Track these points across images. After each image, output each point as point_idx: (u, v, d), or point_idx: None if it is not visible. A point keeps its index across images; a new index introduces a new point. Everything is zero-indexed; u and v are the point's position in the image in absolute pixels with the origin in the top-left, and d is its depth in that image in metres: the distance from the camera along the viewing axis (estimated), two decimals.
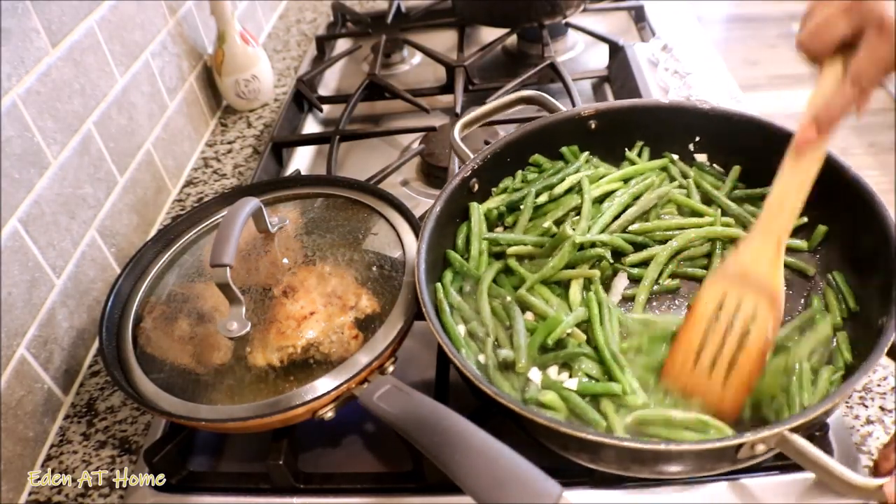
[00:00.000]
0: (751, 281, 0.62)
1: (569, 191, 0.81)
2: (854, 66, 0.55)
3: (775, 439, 0.53)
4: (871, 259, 0.67)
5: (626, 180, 0.83)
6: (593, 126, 0.86)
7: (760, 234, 0.63)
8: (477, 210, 0.78)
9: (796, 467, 0.63)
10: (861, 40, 0.54)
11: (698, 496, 0.63)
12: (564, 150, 0.86)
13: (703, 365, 0.62)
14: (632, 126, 0.86)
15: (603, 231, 0.76)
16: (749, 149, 0.81)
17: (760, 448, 0.53)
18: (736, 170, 0.83)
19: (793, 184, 0.61)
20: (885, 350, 0.57)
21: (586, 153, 0.86)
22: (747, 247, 0.64)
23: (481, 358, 0.67)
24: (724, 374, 0.61)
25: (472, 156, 0.81)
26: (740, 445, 0.53)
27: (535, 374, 0.66)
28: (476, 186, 0.80)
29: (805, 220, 0.75)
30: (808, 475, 0.63)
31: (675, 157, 0.85)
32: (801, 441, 0.52)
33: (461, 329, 0.70)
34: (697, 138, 0.85)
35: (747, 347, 0.61)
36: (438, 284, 0.72)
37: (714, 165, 0.86)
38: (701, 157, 0.86)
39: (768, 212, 0.63)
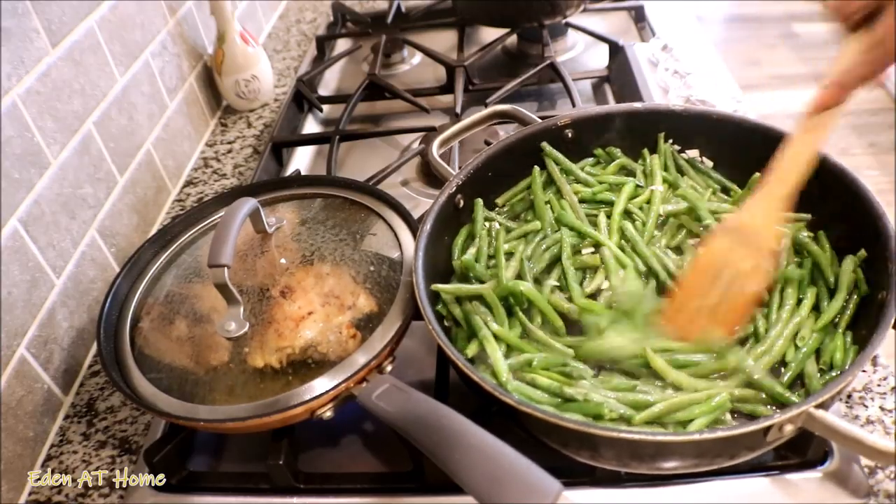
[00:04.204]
0: (753, 239, 0.66)
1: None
2: (878, 32, 0.57)
3: (802, 418, 0.54)
4: (861, 236, 0.68)
5: (613, 185, 0.83)
6: (570, 135, 0.86)
7: (767, 197, 0.66)
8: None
9: (796, 467, 0.64)
10: (883, 10, 0.57)
11: (699, 495, 0.63)
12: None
13: (702, 311, 0.66)
14: (609, 131, 0.86)
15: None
16: (725, 147, 0.82)
17: (788, 428, 0.54)
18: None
19: (802, 150, 0.64)
20: (892, 323, 0.58)
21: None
22: (754, 207, 0.67)
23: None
24: (717, 318, 0.66)
25: (452, 172, 0.81)
26: (768, 428, 0.53)
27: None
28: (462, 203, 0.80)
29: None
30: (809, 475, 0.63)
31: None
32: (828, 416, 0.53)
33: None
34: (671, 141, 0.85)
35: (742, 294, 0.66)
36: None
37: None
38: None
39: (776, 176, 0.66)
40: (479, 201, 0.81)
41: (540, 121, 0.86)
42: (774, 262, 0.67)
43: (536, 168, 0.84)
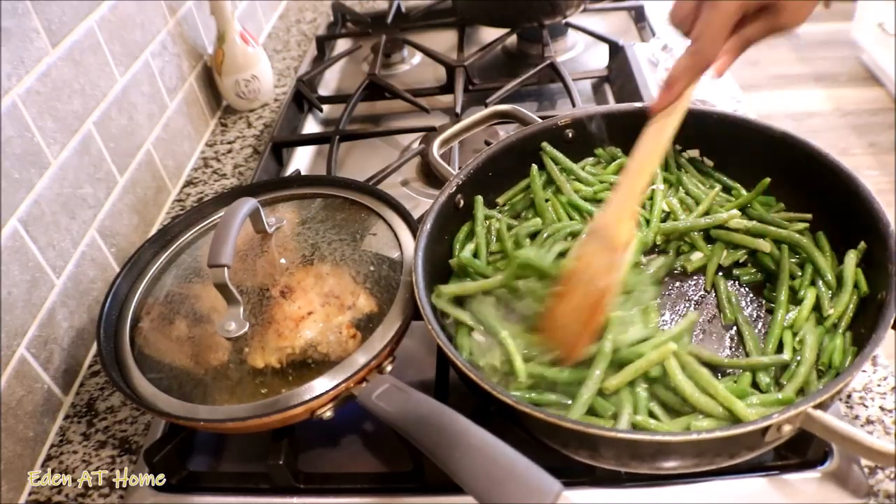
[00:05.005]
0: (603, 237, 0.65)
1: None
2: (695, 31, 0.62)
3: (800, 419, 0.54)
4: (861, 237, 0.69)
5: (613, 184, 0.83)
6: (571, 135, 0.86)
7: (622, 195, 0.66)
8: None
9: (796, 467, 0.64)
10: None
11: (699, 495, 0.63)
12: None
13: (566, 316, 0.65)
14: (610, 131, 0.86)
15: None
16: (725, 147, 0.82)
17: (787, 429, 0.54)
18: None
19: (651, 148, 0.66)
20: (891, 323, 0.58)
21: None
22: (610, 207, 0.67)
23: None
24: (580, 324, 0.64)
25: (453, 172, 0.81)
26: (767, 428, 0.53)
27: None
28: (462, 202, 0.80)
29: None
30: (809, 475, 0.63)
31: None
32: (826, 417, 0.53)
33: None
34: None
35: (594, 293, 0.63)
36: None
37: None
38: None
39: (630, 175, 0.66)
40: (479, 198, 0.81)
41: (540, 120, 0.86)
42: (621, 257, 0.64)
43: (535, 167, 0.84)
